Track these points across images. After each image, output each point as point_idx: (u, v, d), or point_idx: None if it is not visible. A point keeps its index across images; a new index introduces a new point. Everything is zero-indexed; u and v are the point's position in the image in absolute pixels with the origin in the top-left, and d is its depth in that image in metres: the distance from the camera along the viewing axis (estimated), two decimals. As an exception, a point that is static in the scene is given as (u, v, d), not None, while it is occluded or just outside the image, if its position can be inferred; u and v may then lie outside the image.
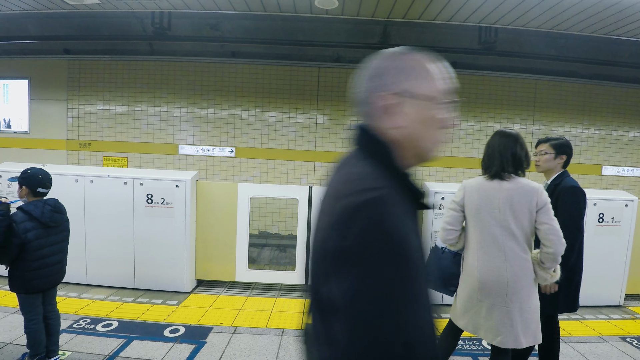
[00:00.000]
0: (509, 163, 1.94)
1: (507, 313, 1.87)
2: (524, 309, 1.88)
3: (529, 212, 1.89)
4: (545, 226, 1.86)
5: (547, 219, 1.87)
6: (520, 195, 1.89)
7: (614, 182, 6.59)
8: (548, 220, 1.87)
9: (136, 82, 6.27)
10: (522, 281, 1.88)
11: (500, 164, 1.95)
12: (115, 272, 4.04)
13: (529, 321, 1.89)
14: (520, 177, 1.96)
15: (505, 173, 1.94)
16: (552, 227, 1.86)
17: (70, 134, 6.40)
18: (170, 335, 3.08)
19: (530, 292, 1.91)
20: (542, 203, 1.88)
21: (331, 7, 4.69)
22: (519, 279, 1.88)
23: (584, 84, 6.31)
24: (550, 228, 1.86)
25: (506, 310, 1.88)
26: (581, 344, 3.23)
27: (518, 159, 1.96)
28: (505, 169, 1.94)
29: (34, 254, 2.41)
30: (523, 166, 1.98)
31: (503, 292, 1.88)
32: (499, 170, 1.95)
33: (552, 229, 1.85)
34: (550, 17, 4.61)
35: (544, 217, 1.87)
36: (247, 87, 6.26)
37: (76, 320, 3.26)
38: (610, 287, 4.12)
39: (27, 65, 6.29)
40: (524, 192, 1.90)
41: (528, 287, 1.90)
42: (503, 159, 1.95)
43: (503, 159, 1.95)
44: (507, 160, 1.94)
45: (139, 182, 3.92)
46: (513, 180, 1.93)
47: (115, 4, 4.80)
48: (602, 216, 4.00)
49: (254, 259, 5.16)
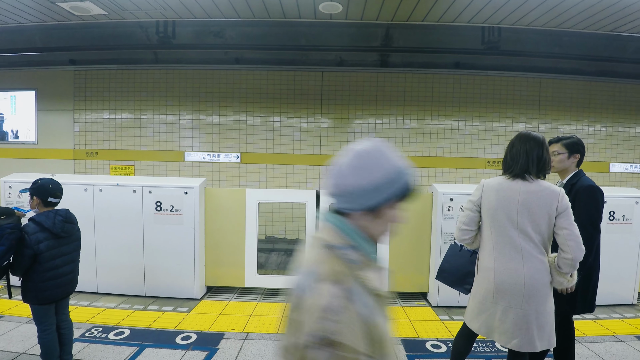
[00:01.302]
0: (534, 165, 1.92)
1: (524, 316, 1.85)
2: (540, 312, 1.86)
3: (548, 216, 1.86)
4: (565, 231, 1.83)
5: (567, 224, 1.84)
6: (540, 199, 1.87)
7: (622, 179, 6.53)
8: (568, 225, 1.83)
9: (141, 91, 6.32)
10: (539, 283, 1.86)
11: (526, 164, 1.92)
12: (125, 280, 4.06)
13: (544, 324, 1.87)
14: (542, 180, 1.94)
15: (528, 174, 1.92)
16: (572, 233, 1.82)
17: (77, 143, 6.45)
18: (182, 343, 3.07)
19: (546, 295, 1.89)
20: (563, 208, 1.85)
21: (335, 12, 4.72)
22: (536, 281, 1.86)
23: (588, 81, 6.28)
24: (570, 234, 1.82)
25: (522, 313, 1.85)
26: (596, 344, 3.19)
27: (543, 162, 1.94)
28: (530, 171, 1.92)
29: (46, 265, 2.42)
30: (546, 170, 1.96)
31: (520, 294, 1.86)
32: (523, 171, 1.92)
33: (572, 235, 1.82)
34: (554, 15, 4.61)
35: (564, 222, 1.84)
36: (251, 93, 6.29)
37: (88, 329, 3.27)
38: (623, 285, 4.07)
39: (34, 77, 6.36)
40: (544, 196, 1.87)
41: (544, 290, 1.88)
42: (529, 160, 1.92)
43: (529, 160, 1.92)
44: (532, 161, 1.92)
45: (148, 190, 3.94)
46: (534, 182, 1.91)
47: (121, 14, 4.86)
48: (613, 214, 3.97)
49: (262, 264, 5.16)
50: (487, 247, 2.00)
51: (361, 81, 6.27)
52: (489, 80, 6.26)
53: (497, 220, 1.95)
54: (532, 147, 1.93)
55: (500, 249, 1.93)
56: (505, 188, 1.94)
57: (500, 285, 1.90)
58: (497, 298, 1.92)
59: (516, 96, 6.31)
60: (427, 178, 6.35)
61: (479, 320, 2.01)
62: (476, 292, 2.05)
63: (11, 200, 4.16)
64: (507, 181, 1.96)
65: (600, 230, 2.21)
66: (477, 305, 2.02)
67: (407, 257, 4.13)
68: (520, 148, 1.95)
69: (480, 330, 2.02)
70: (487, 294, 1.96)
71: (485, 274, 1.98)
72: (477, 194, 2.05)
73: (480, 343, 3.10)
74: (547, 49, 5.24)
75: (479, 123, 6.32)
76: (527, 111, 6.34)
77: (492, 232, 1.97)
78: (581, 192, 2.22)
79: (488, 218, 1.99)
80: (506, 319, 1.88)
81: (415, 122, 6.34)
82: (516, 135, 2.05)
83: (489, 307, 1.95)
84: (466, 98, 6.29)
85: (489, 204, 1.98)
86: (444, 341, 3.17)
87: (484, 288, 1.98)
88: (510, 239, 1.91)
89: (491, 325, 1.95)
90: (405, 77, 6.26)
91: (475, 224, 2.06)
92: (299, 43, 5.31)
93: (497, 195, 1.95)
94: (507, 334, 1.88)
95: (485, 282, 1.98)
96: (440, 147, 6.36)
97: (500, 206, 1.93)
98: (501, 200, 1.93)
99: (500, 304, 1.91)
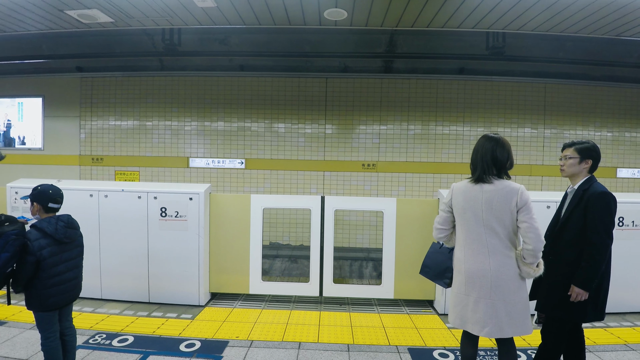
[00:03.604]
0: (490, 167, 2.05)
1: (492, 305, 2.01)
2: (508, 301, 2.00)
3: (510, 211, 2.00)
4: (525, 224, 1.97)
5: (526, 218, 1.97)
6: (501, 196, 2.01)
7: (630, 184, 6.47)
8: (528, 219, 1.97)
9: (147, 98, 6.37)
10: (505, 275, 2.01)
11: (482, 169, 2.07)
12: (129, 286, 4.04)
13: (514, 312, 2.01)
14: (503, 179, 2.07)
15: (487, 176, 2.05)
16: (531, 226, 1.96)
17: (83, 149, 6.49)
18: (186, 350, 3.04)
19: (515, 286, 2.03)
20: (522, 203, 1.98)
21: (340, 18, 4.74)
22: (501, 273, 2.01)
23: (594, 86, 6.25)
24: (530, 226, 1.96)
25: (491, 302, 2.01)
26: (607, 353, 3.12)
27: (500, 161, 2.06)
28: (487, 172, 2.05)
29: (49, 271, 2.39)
30: (505, 169, 2.09)
31: (487, 285, 2.02)
32: (482, 174, 2.07)
33: (532, 227, 1.96)
34: (558, 20, 4.60)
35: (524, 216, 1.98)
36: (255, 100, 6.32)
37: (92, 336, 3.24)
38: (634, 292, 3.99)
39: (41, 84, 6.44)
40: (505, 193, 2.01)
41: (512, 281, 2.02)
42: (484, 164, 2.06)
43: (484, 164, 2.06)
44: (488, 164, 2.06)
45: (153, 196, 3.94)
46: (495, 182, 2.04)
47: (128, 22, 4.91)
48: (622, 220, 3.90)
49: (266, 270, 5.13)
50: (459, 244, 2.18)
51: (365, 87, 6.27)
52: (493, 86, 6.24)
53: (466, 219, 2.11)
54: (486, 150, 2.08)
55: (470, 244, 2.10)
56: (470, 190, 2.11)
57: (470, 277, 2.07)
58: (468, 290, 2.08)
59: (521, 101, 6.29)
60: (432, 184, 6.32)
61: (455, 312, 2.16)
62: (453, 286, 2.21)
63: (17, 206, 4.17)
64: (471, 184, 2.12)
65: (613, 238, 2.17)
66: (454, 297, 2.18)
67: (413, 263, 4.09)
68: (478, 153, 2.11)
69: (455, 322, 2.17)
70: (460, 286, 2.13)
71: (459, 267, 2.16)
72: (448, 197, 2.23)
73: (487, 352, 3.05)
74: (552, 54, 5.23)
75: (484, 128, 6.29)
76: (533, 116, 6.31)
77: (462, 229, 2.15)
78: (593, 199, 2.18)
79: (459, 217, 2.17)
80: (477, 308, 2.04)
81: (420, 127, 6.33)
82: (478, 139, 2.19)
83: (462, 299, 2.11)
84: (471, 104, 6.28)
85: (458, 205, 2.15)
86: (452, 350, 3.11)
87: (458, 281, 2.16)
88: (477, 236, 2.07)
89: (465, 316, 2.10)
90: (409, 83, 6.26)
91: (448, 223, 2.24)
92: (303, 50, 5.34)
93: (464, 196, 2.12)
94: (479, 323, 2.04)
95: (459, 275, 2.16)
96: (445, 152, 6.34)
97: (468, 206, 2.09)
98: (468, 200, 2.10)
99: (471, 295, 2.06)
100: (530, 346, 3.08)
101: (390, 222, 4.10)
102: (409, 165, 6.32)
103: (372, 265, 6.09)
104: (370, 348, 3.15)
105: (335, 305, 4.11)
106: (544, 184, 6.43)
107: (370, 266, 6.11)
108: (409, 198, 6.17)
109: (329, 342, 3.24)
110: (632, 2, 4.03)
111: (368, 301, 4.24)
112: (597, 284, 2.19)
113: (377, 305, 4.13)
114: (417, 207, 4.16)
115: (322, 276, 4.14)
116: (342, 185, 6.37)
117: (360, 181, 6.36)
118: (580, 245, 2.18)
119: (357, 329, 3.52)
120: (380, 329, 3.51)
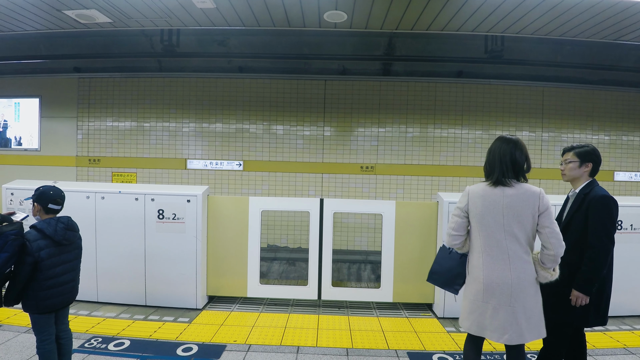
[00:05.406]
0: (509, 169, 2.00)
1: (513, 313, 1.97)
2: (527, 307, 1.98)
3: (532, 216, 1.96)
4: (547, 230, 1.94)
5: (548, 223, 1.95)
6: (523, 201, 1.97)
7: (627, 187, 6.49)
8: (549, 224, 1.95)
9: (145, 99, 6.34)
10: (525, 282, 1.98)
11: (501, 170, 2.01)
12: (126, 289, 4.00)
13: (532, 317, 1.99)
14: (522, 183, 2.02)
15: (506, 179, 2.00)
16: (553, 231, 1.94)
17: (80, 150, 6.44)
18: (183, 354, 3.01)
19: (533, 291, 2.01)
20: (544, 207, 1.95)
21: (340, 21, 4.73)
22: (522, 280, 1.97)
23: (591, 89, 6.28)
24: (552, 232, 1.94)
25: (511, 310, 1.97)
26: (607, 357, 3.12)
27: (518, 164, 2.02)
28: (506, 175, 2.00)
29: (46, 273, 2.37)
30: (523, 171, 2.05)
31: (508, 293, 1.97)
32: (500, 177, 2.01)
33: (553, 232, 1.94)
34: (557, 25, 4.62)
35: (545, 220, 1.95)
36: (254, 101, 6.30)
37: (87, 340, 3.20)
38: (633, 296, 3.99)
39: (38, 84, 6.39)
40: (527, 197, 1.97)
41: (531, 287, 2.00)
42: (503, 166, 2.01)
43: (503, 166, 2.01)
44: (507, 166, 2.01)
45: (150, 198, 3.91)
46: (515, 186, 2.00)
47: (127, 22, 4.88)
48: (621, 223, 3.91)
49: (264, 273, 5.10)
50: (476, 250, 2.09)
51: (364, 90, 6.27)
52: (492, 89, 6.26)
53: (485, 225, 2.04)
54: (504, 152, 2.03)
55: (489, 251, 2.03)
56: (489, 194, 2.04)
57: (489, 285, 2.01)
58: (487, 297, 2.02)
59: (519, 105, 6.31)
60: (431, 186, 6.32)
61: (470, 319, 2.10)
62: (468, 293, 2.14)
63: (12, 206, 4.13)
64: (489, 187, 2.05)
65: (614, 241, 2.16)
66: (469, 305, 2.11)
67: (412, 266, 4.07)
68: (495, 155, 2.06)
69: (470, 329, 2.11)
70: (478, 294, 2.05)
71: (475, 275, 2.08)
72: (464, 201, 2.13)
73: (488, 356, 3.03)
74: (550, 58, 5.25)
75: (482, 132, 6.30)
76: (530, 120, 6.33)
77: (480, 235, 2.06)
78: (595, 203, 2.18)
79: (476, 223, 2.08)
80: (497, 316, 1.99)
81: (418, 130, 6.33)
82: (494, 140, 2.13)
83: (479, 305, 2.05)
84: (469, 107, 6.29)
85: (476, 210, 2.07)
86: (451, 354, 3.10)
87: (475, 288, 2.07)
88: (497, 242, 2.01)
89: (482, 323, 2.05)
90: (408, 86, 6.26)
91: (463, 229, 2.13)
92: (302, 52, 5.33)
93: (483, 201, 2.04)
94: (498, 331, 1.99)
95: (475, 283, 2.07)
96: (443, 155, 6.34)
97: (487, 211, 2.02)
98: (487, 205, 2.02)
99: (490, 303, 2.01)
100: (531, 350, 3.06)
101: (389, 225, 4.09)
102: (408, 168, 6.32)
103: (370, 269, 6.07)
104: (369, 352, 3.12)
105: (334, 308, 4.09)
106: (541, 187, 6.42)
107: (369, 269, 6.09)
108: (408, 201, 6.16)
109: (327, 346, 3.21)
110: (632, 6, 4.05)
111: (367, 304, 4.22)
112: (599, 288, 2.18)
113: (376, 309, 4.11)
114: (416, 210, 4.15)
115: (320, 279, 4.11)
116: (340, 187, 6.35)
117: (359, 184, 6.35)
118: (582, 249, 2.17)
119: (356, 332, 3.49)
120: (379, 333, 3.49)
